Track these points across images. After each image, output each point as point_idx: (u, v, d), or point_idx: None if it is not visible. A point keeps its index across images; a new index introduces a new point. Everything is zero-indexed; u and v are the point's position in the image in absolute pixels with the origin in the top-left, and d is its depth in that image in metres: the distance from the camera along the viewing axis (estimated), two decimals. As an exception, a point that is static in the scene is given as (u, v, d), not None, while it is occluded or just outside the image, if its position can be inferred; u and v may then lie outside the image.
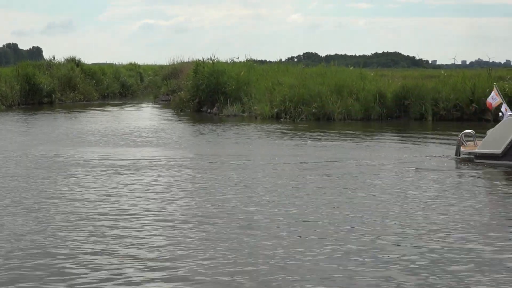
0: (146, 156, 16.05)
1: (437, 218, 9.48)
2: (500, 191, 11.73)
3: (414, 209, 10.08)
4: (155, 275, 7.04)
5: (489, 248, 7.94)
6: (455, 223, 9.18)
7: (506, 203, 10.73)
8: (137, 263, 7.41)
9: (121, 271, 7.16)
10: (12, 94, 36.48)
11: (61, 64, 44.88)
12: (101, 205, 10.35)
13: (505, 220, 9.44)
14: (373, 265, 7.32)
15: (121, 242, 8.25)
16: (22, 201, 10.68)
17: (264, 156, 16.04)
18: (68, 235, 8.57)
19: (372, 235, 8.53)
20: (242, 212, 9.86)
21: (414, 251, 7.80)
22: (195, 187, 11.96)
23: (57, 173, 13.46)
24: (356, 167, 14.12)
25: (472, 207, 10.21)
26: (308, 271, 7.10)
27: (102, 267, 7.29)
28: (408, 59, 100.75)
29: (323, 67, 31.71)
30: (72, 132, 22.25)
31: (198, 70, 31.94)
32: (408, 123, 24.84)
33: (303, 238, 8.45)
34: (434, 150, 17.05)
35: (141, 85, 57.27)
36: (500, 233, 8.68)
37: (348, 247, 7.98)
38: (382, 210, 9.97)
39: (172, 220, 9.38)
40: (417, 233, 8.64)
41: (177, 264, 7.38)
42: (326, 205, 10.32)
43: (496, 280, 6.85)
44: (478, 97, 25.16)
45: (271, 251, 7.82)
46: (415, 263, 7.37)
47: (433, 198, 10.94)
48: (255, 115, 27.57)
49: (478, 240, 8.32)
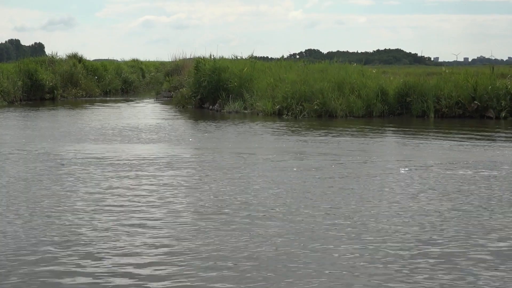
0: (149, 152, 16.07)
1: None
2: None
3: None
4: (160, 272, 7.07)
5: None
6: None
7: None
8: (141, 260, 7.44)
9: (125, 268, 7.19)
10: (14, 90, 36.52)
11: (63, 60, 44.91)
12: (104, 201, 10.37)
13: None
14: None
15: (125, 238, 8.28)
16: (19, 199, 10.70)
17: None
18: (72, 231, 8.60)
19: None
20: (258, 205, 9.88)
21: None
22: (199, 183, 11.97)
23: (58, 169, 13.48)
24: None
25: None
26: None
27: (106, 264, 7.32)
28: (410, 56, 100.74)
29: (326, 64, 31.69)
30: (74, 128, 22.28)
31: (199, 67, 31.97)
32: (411, 120, 24.84)
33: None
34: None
35: (143, 82, 57.25)
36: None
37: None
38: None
39: (179, 214, 9.41)
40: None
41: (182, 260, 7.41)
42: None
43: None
44: (480, 95, 25.17)
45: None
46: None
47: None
48: (257, 112, 27.58)
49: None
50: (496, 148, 16.72)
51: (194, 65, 32.89)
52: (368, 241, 8.09)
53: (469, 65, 71.54)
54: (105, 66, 49.42)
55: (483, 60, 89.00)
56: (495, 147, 16.91)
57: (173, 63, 45.67)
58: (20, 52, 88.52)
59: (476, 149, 16.45)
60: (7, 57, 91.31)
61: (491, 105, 25.07)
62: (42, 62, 42.83)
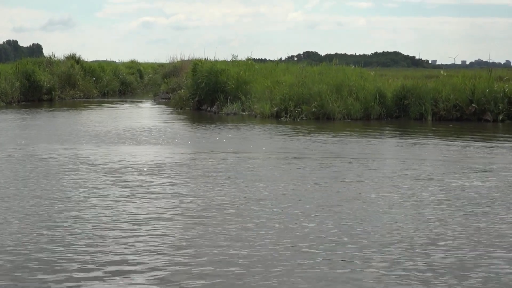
0: (146, 154, 16.04)
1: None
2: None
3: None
4: (159, 275, 7.05)
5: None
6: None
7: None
8: (140, 265, 7.42)
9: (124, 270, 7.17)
10: (12, 91, 36.47)
11: (61, 61, 44.89)
12: (101, 204, 10.33)
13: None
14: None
15: (123, 241, 8.25)
16: (17, 201, 10.68)
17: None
18: (67, 235, 8.57)
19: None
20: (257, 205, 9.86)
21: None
22: (196, 186, 11.95)
23: (56, 172, 13.45)
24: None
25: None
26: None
27: (105, 268, 7.29)
28: (408, 58, 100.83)
29: (325, 66, 31.55)
30: (72, 129, 22.24)
31: (197, 69, 31.97)
32: (408, 123, 24.83)
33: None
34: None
35: (140, 83, 57.26)
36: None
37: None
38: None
39: (176, 218, 9.39)
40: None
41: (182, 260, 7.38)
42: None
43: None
44: (478, 98, 25.19)
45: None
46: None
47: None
48: (254, 114, 27.56)
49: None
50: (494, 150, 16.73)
51: (192, 67, 32.90)
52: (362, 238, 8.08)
53: (467, 68, 71.64)
54: (103, 68, 49.42)
55: (481, 63, 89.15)
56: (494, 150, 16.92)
57: (171, 64, 45.68)
58: (18, 53, 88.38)
59: (473, 152, 16.46)
60: (5, 58, 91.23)
61: (489, 108, 25.10)
62: (40, 63, 42.81)
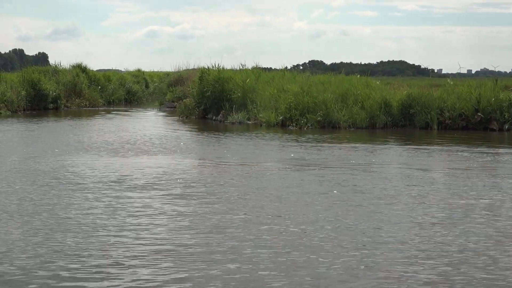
0: (152, 165, 16.04)
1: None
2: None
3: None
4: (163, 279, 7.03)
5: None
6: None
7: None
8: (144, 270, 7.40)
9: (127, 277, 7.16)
10: (17, 100, 36.56)
11: (66, 70, 44.99)
12: (108, 214, 10.33)
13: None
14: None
15: (129, 248, 8.24)
16: (20, 211, 10.68)
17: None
18: (74, 246, 8.56)
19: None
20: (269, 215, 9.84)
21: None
22: (203, 195, 11.93)
23: (61, 181, 13.45)
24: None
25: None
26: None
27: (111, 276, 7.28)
28: (414, 67, 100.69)
29: (331, 76, 31.49)
30: (77, 139, 22.24)
31: (203, 77, 32.00)
32: (414, 132, 24.79)
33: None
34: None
35: (146, 92, 57.33)
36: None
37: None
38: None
39: (186, 227, 9.37)
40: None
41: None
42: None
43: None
44: (484, 107, 25.16)
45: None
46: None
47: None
48: (260, 123, 27.54)
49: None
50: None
51: (199, 75, 32.93)
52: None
53: (473, 77, 71.43)
54: (109, 77, 49.54)
55: (486, 72, 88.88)
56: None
57: (176, 73, 45.76)
58: (24, 61, 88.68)
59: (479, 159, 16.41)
60: (11, 67, 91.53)
61: (495, 117, 25.05)
62: (45, 72, 42.92)
